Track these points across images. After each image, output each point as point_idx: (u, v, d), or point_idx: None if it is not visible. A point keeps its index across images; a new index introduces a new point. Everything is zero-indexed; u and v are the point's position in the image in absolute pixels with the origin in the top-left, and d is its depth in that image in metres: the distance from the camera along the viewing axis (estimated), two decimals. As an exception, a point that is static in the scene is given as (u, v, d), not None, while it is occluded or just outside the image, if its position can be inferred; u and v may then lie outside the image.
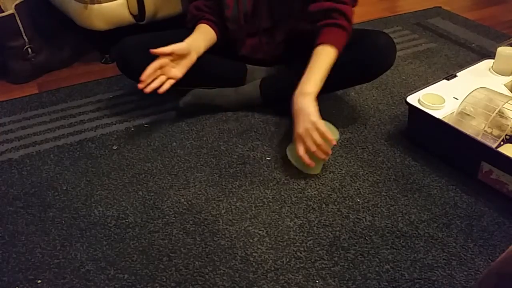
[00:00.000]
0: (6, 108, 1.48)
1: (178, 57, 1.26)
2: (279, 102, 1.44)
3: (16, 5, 1.54)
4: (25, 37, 1.59)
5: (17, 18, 1.55)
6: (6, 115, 1.45)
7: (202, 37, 1.34)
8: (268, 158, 1.27)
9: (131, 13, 1.61)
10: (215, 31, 1.37)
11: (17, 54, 1.60)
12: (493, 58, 1.44)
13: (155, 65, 1.21)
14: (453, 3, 2.24)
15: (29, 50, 1.61)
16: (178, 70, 1.27)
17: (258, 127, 1.39)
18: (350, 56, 1.27)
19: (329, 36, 1.22)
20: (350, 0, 1.26)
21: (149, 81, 1.22)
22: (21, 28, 1.57)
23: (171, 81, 1.26)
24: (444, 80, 1.37)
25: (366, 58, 1.26)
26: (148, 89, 1.22)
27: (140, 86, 1.21)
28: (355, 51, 1.27)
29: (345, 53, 1.28)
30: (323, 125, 1.14)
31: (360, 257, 1.00)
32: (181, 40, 1.40)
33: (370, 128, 1.39)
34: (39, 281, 0.95)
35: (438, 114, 1.23)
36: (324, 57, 1.21)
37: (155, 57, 1.33)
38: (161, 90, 1.24)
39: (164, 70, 1.25)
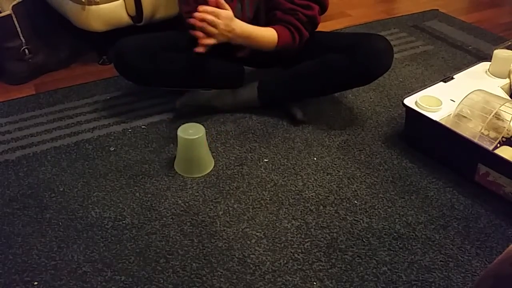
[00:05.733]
0: (3, 109, 1.48)
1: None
2: (276, 104, 1.45)
3: (13, 6, 1.54)
4: (22, 38, 1.59)
5: (14, 19, 1.55)
6: (3, 116, 1.45)
7: None
8: (265, 160, 1.27)
9: (128, 14, 1.61)
10: None
11: (14, 55, 1.60)
12: (490, 61, 1.45)
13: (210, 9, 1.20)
14: (450, 5, 2.25)
15: (26, 51, 1.61)
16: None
17: (256, 128, 1.39)
18: (348, 59, 1.28)
19: (282, 31, 1.29)
20: (308, 24, 1.32)
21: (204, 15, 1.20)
22: (18, 29, 1.57)
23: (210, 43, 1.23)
24: (441, 83, 1.37)
25: (364, 61, 1.27)
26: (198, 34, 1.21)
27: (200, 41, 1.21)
28: (353, 54, 1.27)
29: (343, 56, 1.29)
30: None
31: (358, 259, 1.00)
32: (180, 40, 1.40)
33: (367, 130, 1.39)
34: (36, 283, 0.95)
35: (435, 116, 1.23)
36: (268, 35, 1.29)
37: (152, 58, 1.33)
38: (199, 50, 1.23)
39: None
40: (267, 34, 1.29)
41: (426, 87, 1.34)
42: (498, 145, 1.26)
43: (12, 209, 1.12)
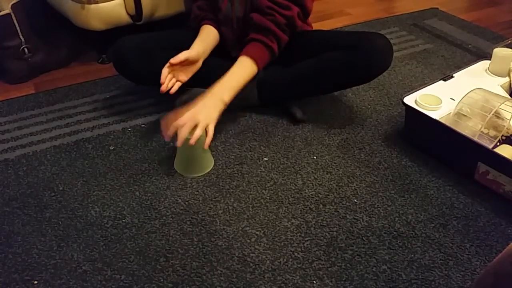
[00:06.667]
0: (3, 108, 1.48)
1: (188, 63, 1.29)
2: (276, 102, 1.45)
3: (12, 5, 1.54)
4: (21, 37, 1.59)
5: (14, 18, 1.55)
6: (3, 115, 1.45)
7: (208, 40, 1.37)
8: (265, 159, 1.27)
9: (128, 13, 1.61)
10: (218, 31, 1.40)
11: (13, 54, 1.60)
12: (490, 59, 1.45)
13: (168, 66, 1.26)
14: (450, 4, 2.25)
15: (26, 50, 1.61)
16: (185, 75, 1.31)
17: (255, 127, 1.39)
18: (348, 57, 1.28)
19: (258, 53, 1.28)
20: (287, 26, 1.30)
21: (167, 82, 1.27)
22: (18, 28, 1.57)
23: (179, 84, 1.31)
24: (441, 81, 1.37)
25: (364, 60, 1.27)
26: (164, 87, 1.26)
27: (163, 88, 1.25)
28: (353, 53, 1.27)
29: (343, 55, 1.29)
30: (211, 136, 1.16)
31: (357, 258, 1.00)
32: (178, 40, 1.40)
33: (367, 129, 1.39)
34: (36, 282, 0.95)
35: (434, 114, 1.23)
36: (247, 72, 1.27)
37: (151, 58, 1.33)
38: (172, 91, 1.29)
39: (173, 73, 1.29)
40: (246, 71, 1.26)
41: (426, 86, 1.34)
42: (498, 143, 1.26)
43: (12, 208, 1.12)
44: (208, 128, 1.16)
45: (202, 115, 1.15)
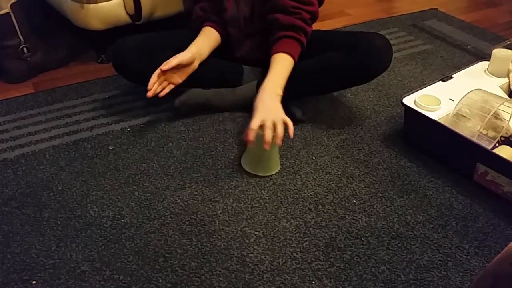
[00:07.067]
0: (2, 108, 1.48)
1: (182, 65, 1.29)
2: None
3: (11, 4, 1.53)
4: (20, 36, 1.59)
5: (13, 17, 1.55)
6: (2, 115, 1.44)
7: (207, 42, 1.36)
8: (264, 159, 1.27)
9: (127, 13, 1.61)
10: (219, 33, 1.39)
11: (12, 53, 1.59)
12: (489, 60, 1.45)
13: (158, 72, 1.26)
14: (449, 5, 2.25)
15: (25, 49, 1.61)
16: (179, 77, 1.32)
17: (255, 127, 1.39)
18: (347, 57, 1.28)
19: (292, 48, 1.29)
20: (311, 20, 1.33)
21: (154, 88, 1.27)
22: (17, 28, 1.57)
23: (171, 86, 1.31)
24: (440, 82, 1.37)
25: (363, 60, 1.27)
26: (151, 93, 1.26)
27: (149, 94, 1.25)
28: (352, 52, 1.27)
29: (342, 55, 1.29)
30: (291, 127, 1.16)
31: (356, 258, 1.00)
32: (177, 40, 1.40)
33: (366, 129, 1.39)
34: (34, 282, 0.95)
35: (434, 115, 1.23)
36: (288, 65, 1.28)
37: (151, 58, 1.33)
38: (161, 94, 1.29)
39: (166, 76, 1.29)
40: (287, 63, 1.28)
41: (425, 86, 1.34)
42: (497, 144, 1.26)
43: (11, 208, 1.11)
44: (287, 121, 1.15)
45: (274, 114, 1.15)
